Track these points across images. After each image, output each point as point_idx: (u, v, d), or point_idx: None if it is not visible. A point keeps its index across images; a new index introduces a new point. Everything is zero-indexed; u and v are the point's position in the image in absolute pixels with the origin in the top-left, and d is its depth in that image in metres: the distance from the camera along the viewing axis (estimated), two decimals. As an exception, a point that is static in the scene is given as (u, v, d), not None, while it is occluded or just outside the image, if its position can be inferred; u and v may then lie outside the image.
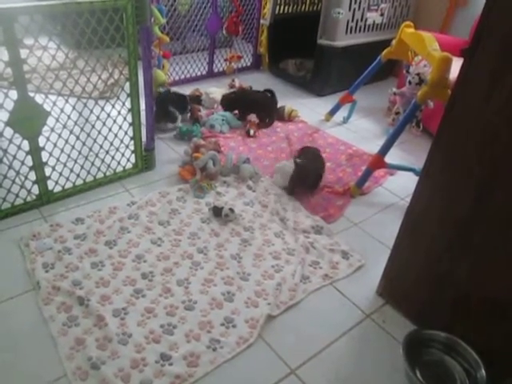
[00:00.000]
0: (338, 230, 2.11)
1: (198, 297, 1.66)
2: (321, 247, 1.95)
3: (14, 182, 1.96)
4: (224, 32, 3.62)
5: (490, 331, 1.46)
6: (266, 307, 1.64)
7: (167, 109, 2.77)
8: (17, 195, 2.00)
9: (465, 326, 1.51)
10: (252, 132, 2.82)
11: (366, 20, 3.52)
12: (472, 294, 1.47)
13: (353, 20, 3.41)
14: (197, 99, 3.10)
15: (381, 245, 2.04)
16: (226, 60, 3.76)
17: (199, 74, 3.71)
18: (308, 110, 3.32)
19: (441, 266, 1.53)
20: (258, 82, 3.68)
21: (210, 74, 3.78)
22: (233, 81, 3.48)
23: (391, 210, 2.31)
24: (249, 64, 4.06)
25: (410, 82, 2.79)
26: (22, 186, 2.00)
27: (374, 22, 3.61)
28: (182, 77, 3.58)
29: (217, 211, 2.06)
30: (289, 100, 3.43)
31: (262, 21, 3.87)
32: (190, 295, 1.66)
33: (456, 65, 2.15)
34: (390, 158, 2.33)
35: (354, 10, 3.37)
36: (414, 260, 1.62)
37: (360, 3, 3.38)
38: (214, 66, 3.79)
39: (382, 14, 3.64)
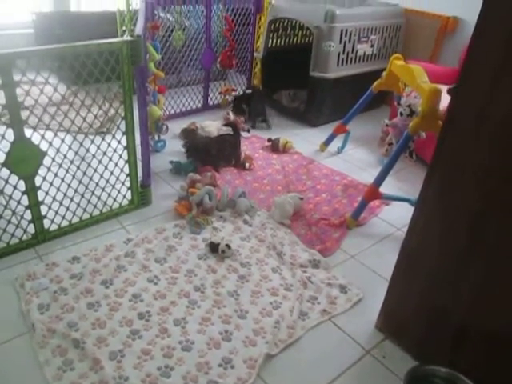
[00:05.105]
0: (335, 263, 2.10)
1: (196, 337, 1.64)
2: (318, 282, 1.94)
3: (9, 221, 1.96)
4: (218, 66, 3.69)
5: (493, 366, 1.45)
6: (265, 346, 1.62)
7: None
8: (12, 234, 2.00)
9: (466, 361, 1.49)
10: (247, 165, 2.84)
11: (356, 51, 3.60)
12: (473, 328, 1.46)
13: (344, 52, 3.49)
14: (193, 133, 3.12)
15: (379, 277, 2.03)
16: (220, 93, 3.82)
17: (194, 107, 3.76)
18: (303, 141, 3.36)
19: (439, 299, 1.52)
20: (253, 113, 3.73)
21: (206, 107, 3.83)
22: (228, 113, 3.52)
23: (388, 240, 2.31)
24: (243, 96, 4.11)
25: (401, 114, 2.84)
26: (17, 226, 2.00)
27: (364, 53, 3.69)
28: (178, 110, 3.62)
29: (213, 247, 2.05)
30: (283, 131, 3.48)
31: (255, 54, 3.96)
32: (187, 335, 1.64)
33: (446, 95, 2.21)
34: (384, 187, 2.34)
35: (345, 42, 3.45)
36: (412, 294, 1.61)
37: (350, 35, 3.46)
38: (209, 99, 3.84)
39: (372, 46, 3.73)
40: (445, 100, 2.17)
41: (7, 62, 1.67)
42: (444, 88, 2.19)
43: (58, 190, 2.06)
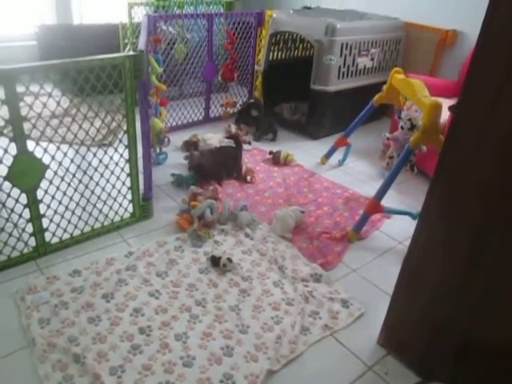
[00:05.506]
0: (336, 277, 2.09)
1: (197, 352, 1.63)
2: (320, 296, 1.93)
3: (11, 234, 1.96)
4: (219, 78, 3.71)
5: (494, 382, 1.44)
6: (266, 362, 1.60)
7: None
8: (13, 247, 1.99)
9: (468, 377, 1.49)
10: (249, 178, 2.85)
11: (357, 65, 3.63)
12: (475, 342, 1.45)
13: (344, 65, 3.51)
14: (194, 145, 3.14)
15: (380, 291, 2.02)
16: (221, 105, 3.83)
17: (196, 119, 3.78)
18: (304, 154, 3.37)
19: (442, 314, 1.52)
20: (254, 126, 3.74)
21: (207, 120, 3.84)
22: (229, 126, 3.54)
23: (390, 254, 2.31)
24: (245, 108, 4.13)
25: (402, 128, 2.85)
26: (19, 239, 1.99)
27: (364, 66, 3.72)
28: (179, 123, 3.64)
29: (215, 261, 2.05)
30: (285, 144, 3.49)
31: (256, 67, 3.98)
32: (189, 350, 1.63)
33: (446, 105, 2.22)
34: (386, 200, 2.34)
35: (345, 55, 3.48)
36: (414, 308, 1.60)
37: (351, 49, 3.49)
38: (211, 111, 3.86)
39: (372, 59, 3.76)
40: (445, 113, 2.19)
41: (11, 77, 1.68)
42: (444, 101, 2.21)
43: (60, 202, 2.07)
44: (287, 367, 1.62)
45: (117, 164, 2.18)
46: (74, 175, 2.07)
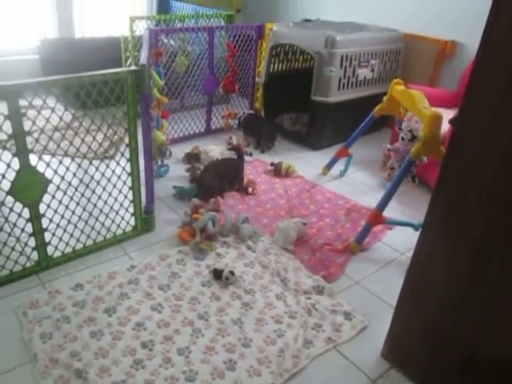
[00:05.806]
0: (339, 289, 2.09)
1: (199, 366, 1.62)
2: (323, 309, 1.92)
3: (13, 249, 1.96)
4: (221, 90, 3.74)
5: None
6: (269, 376, 1.59)
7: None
8: (16, 262, 2.00)
9: (474, 392, 1.47)
10: (250, 189, 2.85)
11: (357, 76, 3.65)
12: (479, 355, 1.44)
13: (345, 77, 3.53)
14: (196, 157, 3.15)
15: (384, 303, 2.01)
16: (223, 117, 3.85)
17: (197, 131, 3.79)
18: (305, 165, 3.37)
19: (445, 326, 1.51)
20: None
21: (208, 131, 3.86)
22: (230, 138, 3.55)
23: (392, 265, 2.30)
24: (245, 120, 4.15)
25: (402, 139, 2.86)
26: (21, 253, 2.00)
27: (365, 77, 3.74)
28: (181, 135, 3.65)
29: (217, 274, 2.05)
30: (286, 155, 3.50)
31: (257, 79, 4.01)
32: (191, 365, 1.62)
33: (446, 115, 2.23)
34: (387, 211, 2.34)
35: (346, 67, 3.50)
36: (418, 320, 1.60)
37: (351, 60, 3.52)
38: (212, 123, 3.88)
39: (372, 70, 3.78)
40: (446, 124, 2.20)
41: (14, 93, 1.70)
42: (444, 112, 2.22)
43: (62, 216, 2.07)
44: (290, 382, 1.61)
45: (119, 177, 2.19)
46: (76, 189, 2.07)
